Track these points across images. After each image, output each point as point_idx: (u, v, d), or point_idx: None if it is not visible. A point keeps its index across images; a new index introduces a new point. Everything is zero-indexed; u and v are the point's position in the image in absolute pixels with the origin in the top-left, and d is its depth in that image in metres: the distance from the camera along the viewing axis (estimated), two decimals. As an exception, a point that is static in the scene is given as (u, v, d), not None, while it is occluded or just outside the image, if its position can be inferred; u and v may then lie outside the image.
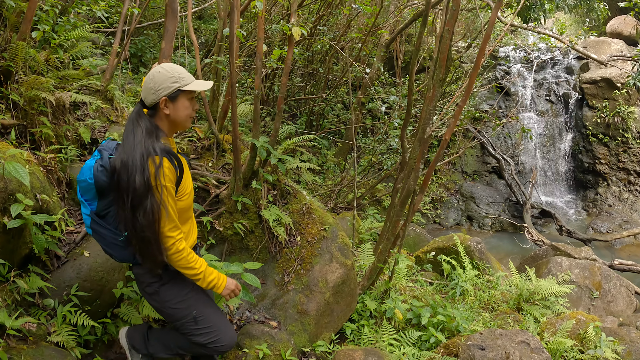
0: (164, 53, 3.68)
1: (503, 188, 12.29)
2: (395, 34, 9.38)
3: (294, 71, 9.65)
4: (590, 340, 4.89)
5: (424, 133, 4.08)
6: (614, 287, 7.05)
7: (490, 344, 4.10)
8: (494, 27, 12.65)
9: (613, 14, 13.21)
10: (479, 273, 6.20)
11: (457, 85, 10.82)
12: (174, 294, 2.73)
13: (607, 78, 11.64)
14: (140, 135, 2.42)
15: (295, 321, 3.92)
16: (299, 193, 4.41)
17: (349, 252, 4.35)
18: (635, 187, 11.68)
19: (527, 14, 8.95)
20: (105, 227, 2.59)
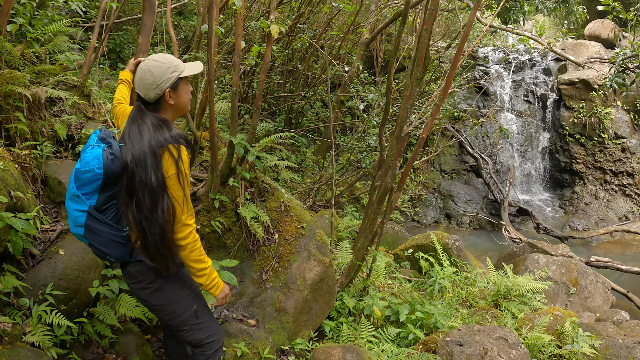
0: (141, 48, 3.64)
1: (481, 186, 12.41)
2: (375, 33, 9.42)
3: (273, 69, 9.63)
4: (568, 335, 4.95)
5: (401, 131, 4.11)
6: (591, 284, 7.16)
7: (469, 340, 4.14)
8: (473, 28, 12.79)
9: (591, 17, 13.43)
10: (456, 270, 6.25)
11: (435, 84, 10.89)
12: (178, 288, 2.66)
13: (585, 80, 11.84)
14: (148, 132, 2.37)
15: (274, 319, 3.92)
16: (276, 191, 4.40)
17: (327, 250, 4.36)
18: (611, 186, 11.89)
19: (506, 15, 9.06)
20: (105, 223, 2.46)
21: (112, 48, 8.88)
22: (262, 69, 3.88)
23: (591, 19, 13.43)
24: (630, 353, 4.94)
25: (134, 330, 3.56)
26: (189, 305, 2.69)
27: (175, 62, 2.51)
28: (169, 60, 2.50)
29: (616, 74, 7.15)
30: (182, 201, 2.41)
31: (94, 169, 2.38)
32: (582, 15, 9.87)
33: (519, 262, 7.40)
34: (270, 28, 3.53)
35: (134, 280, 2.61)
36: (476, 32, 13.35)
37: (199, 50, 5.00)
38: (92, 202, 2.44)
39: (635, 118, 11.95)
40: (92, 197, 2.44)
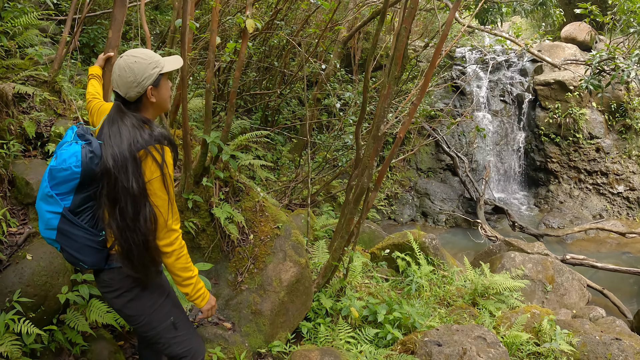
0: (111, 43, 3.51)
1: (457, 185, 12.47)
2: (353, 31, 9.36)
3: (249, 65, 9.52)
4: (546, 333, 4.96)
5: (378, 131, 4.06)
6: (567, 281, 7.22)
7: (447, 339, 4.12)
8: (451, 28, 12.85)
9: (568, 20, 13.62)
10: (434, 269, 6.25)
11: (413, 83, 10.90)
12: (155, 298, 2.48)
13: (560, 81, 12.01)
14: (128, 134, 2.22)
15: (250, 322, 3.84)
16: (251, 190, 4.32)
17: (303, 250, 4.29)
18: (585, 184, 12.07)
19: (484, 16, 9.12)
20: (80, 226, 2.29)
21: (86, 42, 8.67)
22: (237, 66, 3.79)
23: (568, 21, 13.63)
24: (608, 349, 4.97)
25: (106, 337, 3.44)
26: (166, 316, 2.52)
27: (155, 57, 2.37)
28: (148, 55, 2.35)
29: (592, 76, 7.24)
30: (167, 206, 2.28)
31: (71, 167, 2.22)
32: (559, 17, 10.00)
33: (495, 260, 7.44)
34: (246, 23, 3.44)
35: (108, 288, 2.44)
36: (454, 32, 13.40)
37: (173, 46, 4.88)
38: (66, 204, 2.27)
39: (609, 119, 12.14)
40: (67, 198, 2.27)
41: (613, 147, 11.99)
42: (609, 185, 11.88)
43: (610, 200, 11.83)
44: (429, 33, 12.27)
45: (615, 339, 5.12)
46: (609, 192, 11.87)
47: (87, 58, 8.59)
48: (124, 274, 2.38)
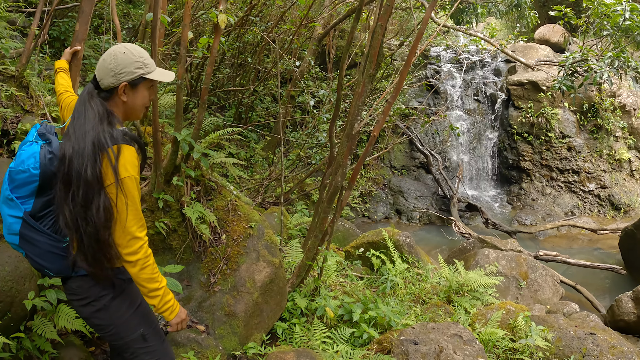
0: (78, 36, 3.39)
1: (431, 182, 12.53)
2: (328, 29, 9.32)
3: (223, 62, 9.40)
4: (521, 329, 4.98)
5: (352, 129, 4.01)
6: (540, 277, 7.30)
7: (423, 338, 4.10)
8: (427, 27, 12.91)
9: (542, 21, 13.82)
10: (408, 266, 6.24)
11: (387, 82, 10.90)
12: (125, 308, 2.37)
13: (533, 81, 12.17)
14: (92, 120, 2.12)
15: (224, 324, 3.76)
16: (223, 189, 4.23)
17: (277, 250, 4.23)
18: (557, 182, 12.26)
19: (459, 16, 9.18)
20: (41, 232, 2.18)
21: (56, 36, 8.40)
22: (209, 62, 3.70)
23: (542, 23, 13.84)
24: (583, 344, 5.02)
25: (76, 344, 3.32)
26: (135, 327, 2.41)
27: (147, 60, 2.27)
28: (140, 54, 2.25)
29: (565, 77, 7.34)
30: (127, 209, 2.14)
31: (29, 169, 2.12)
32: (534, 19, 10.11)
33: (469, 257, 7.48)
34: (218, 18, 3.35)
35: (75, 296, 2.33)
36: (429, 31, 13.47)
37: (144, 41, 4.76)
38: (27, 208, 2.17)
39: (581, 119, 12.36)
40: (27, 202, 2.17)
41: (584, 146, 12.20)
42: (581, 183, 12.08)
43: (582, 198, 12.04)
44: (405, 32, 12.31)
45: (590, 334, 5.17)
46: (580, 190, 12.07)
47: (57, 52, 8.34)
48: (92, 282, 2.29)
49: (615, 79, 11.14)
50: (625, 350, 4.96)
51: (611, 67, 6.98)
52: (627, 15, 6.70)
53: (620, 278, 8.62)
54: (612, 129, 12.23)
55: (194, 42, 7.16)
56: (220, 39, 3.62)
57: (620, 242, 8.95)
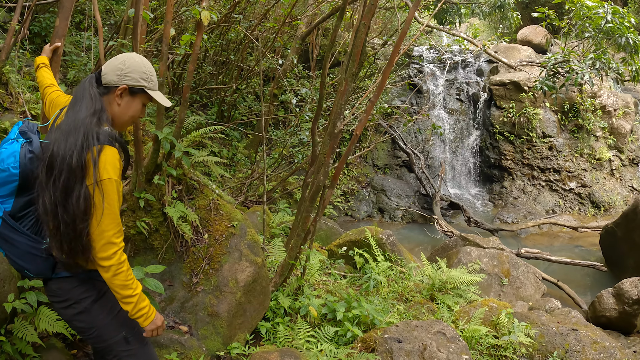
0: (58, 32, 3.32)
1: (413, 181, 12.58)
2: (311, 27, 9.29)
3: (206, 59, 9.33)
4: (504, 325, 5.02)
5: (334, 128, 4.00)
6: (522, 274, 7.36)
7: (407, 336, 4.11)
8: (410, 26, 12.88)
9: (525, 23, 13.99)
10: (391, 265, 6.25)
11: (370, 80, 10.91)
12: (107, 311, 2.34)
13: (515, 81, 12.31)
14: (87, 110, 2.12)
15: (207, 324, 3.72)
16: (205, 188, 4.19)
17: (259, 249, 4.20)
18: (538, 181, 12.40)
19: (443, 17, 9.23)
20: (21, 232, 2.16)
21: (37, 32, 8.24)
22: (191, 59, 3.66)
23: (525, 24, 14.01)
24: (565, 340, 5.06)
25: (58, 346, 3.26)
26: (118, 330, 2.38)
27: (153, 78, 2.31)
28: (150, 70, 2.30)
29: (547, 78, 7.43)
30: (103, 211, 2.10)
31: (9, 168, 2.11)
32: (516, 20, 10.21)
33: (452, 255, 7.51)
34: (201, 15, 3.31)
35: (56, 298, 2.31)
36: (412, 30, 13.52)
37: (126, 37, 4.70)
38: (7, 207, 2.16)
39: (562, 119, 12.53)
40: (7, 202, 2.16)
41: (565, 145, 12.35)
42: (561, 182, 12.23)
43: (563, 196, 12.19)
44: (388, 31, 12.32)
45: (572, 330, 5.23)
46: (561, 188, 12.23)
47: (38, 48, 8.19)
48: (74, 283, 2.27)
49: (596, 80, 11.31)
50: (607, 346, 5.02)
51: (592, 69, 7.07)
52: (609, 17, 6.78)
53: (601, 275, 8.73)
54: (592, 129, 12.40)
55: (176, 39, 7.08)
56: (203, 36, 3.59)
57: (601, 240, 9.06)
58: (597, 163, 12.43)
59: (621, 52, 7.51)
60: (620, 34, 6.89)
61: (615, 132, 12.60)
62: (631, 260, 8.18)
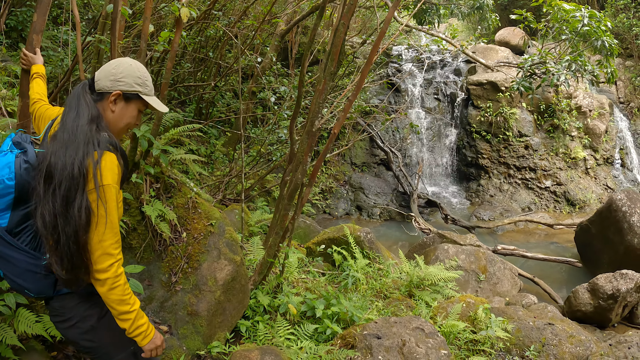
0: (35, 27, 3.26)
1: (391, 179, 12.65)
2: (291, 25, 9.27)
3: (184, 56, 9.25)
4: (481, 321, 5.09)
5: (312, 126, 4.01)
6: (499, 270, 7.46)
7: (386, 332, 4.14)
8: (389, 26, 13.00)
9: (503, 24, 14.18)
10: (369, 262, 6.28)
11: (349, 79, 10.94)
12: (115, 326, 2.19)
13: (493, 81, 12.46)
14: (85, 117, 2.04)
15: (187, 323, 3.71)
16: (183, 186, 4.16)
17: (238, 248, 4.19)
18: (514, 179, 12.58)
19: (422, 17, 9.29)
20: (19, 249, 2.05)
21: (13, 26, 8.05)
22: (170, 56, 3.63)
23: (503, 26, 14.21)
24: (542, 334, 5.16)
25: (37, 349, 3.20)
26: (126, 345, 2.30)
27: (148, 83, 2.23)
28: (144, 75, 2.22)
29: (523, 78, 7.54)
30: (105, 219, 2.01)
31: (3, 180, 2.00)
32: (495, 22, 10.32)
33: (429, 252, 7.57)
34: (180, 12, 3.29)
35: (59, 317, 2.19)
36: (392, 30, 13.59)
37: (104, 33, 4.62)
38: (3, 223, 2.05)
39: (538, 119, 12.75)
40: (3, 216, 2.05)
41: (541, 144, 12.55)
42: (537, 180, 12.42)
43: (538, 194, 12.38)
44: (367, 30, 12.36)
45: (549, 324, 5.32)
46: (537, 186, 12.42)
47: (15, 43, 8.04)
48: (76, 300, 2.18)
49: (572, 82, 11.52)
50: (583, 339, 5.12)
51: (568, 70, 7.19)
52: (586, 21, 6.90)
53: (576, 270, 8.88)
54: (568, 128, 12.63)
55: (155, 36, 7.01)
56: (181, 33, 3.56)
57: (576, 237, 9.22)
58: (572, 162, 12.66)
59: (597, 54, 7.64)
60: (597, 37, 7.01)
61: (590, 132, 12.85)
62: (605, 256, 8.35)
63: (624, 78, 14.07)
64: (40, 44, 3.16)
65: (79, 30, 4.10)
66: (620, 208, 8.00)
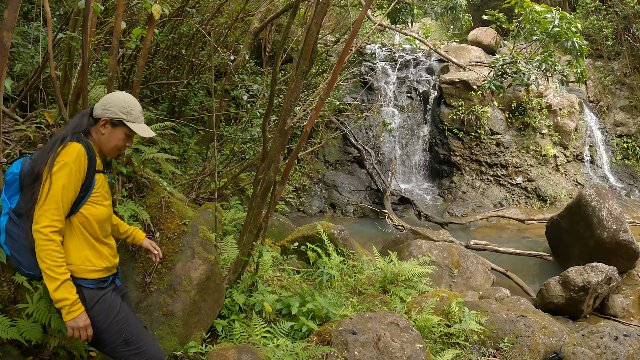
0: (6, 24, 3.18)
1: (364, 177, 12.72)
2: (265, 23, 9.22)
3: (157, 53, 9.13)
4: (455, 314, 5.16)
5: (284, 124, 4.01)
6: (472, 265, 7.56)
7: (361, 327, 4.17)
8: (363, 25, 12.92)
9: (476, 24, 14.36)
10: (344, 259, 6.31)
11: (322, 77, 10.95)
12: (104, 317, 2.57)
13: (465, 80, 12.63)
14: (69, 126, 2.57)
15: (163, 324, 3.68)
16: (156, 185, 4.12)
17: (212, 247, 4.17)
18: (486, 176, 12.78)
19: (396, 16, 9.34)
20: (19, 226, 2.47)
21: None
22: (142, 54, 3.60)
23: (475, 26, 14.39)
24: (515, 326, 5.25)
25: (13, 354, 3.17)
26: (118, 333, 2.60)
27: (134, 111, 2.64)
28: (130, 104, 2.64)
29: (495, 77, 7.63)
30: (47, 190, 2.38)
31: (13, 171, 2.52)
32: (468, 22, 10.42)
33: (403, 248, 7.64)
34: (152, 8, 3.26)
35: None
36: (365, 29, 13.63)
37: (76, 30, 4.54)
38: (12, 205, 2.51)
39: (509, 117, 13.00)
40: (13, 200, 2.52)
41: (512, 142, 12.78)
42: (509, 176, 12.64)
43: (510, 190, 12.60)
44: (341, 28, 12.38)
45: (521, 316, 5.43)
46: (508, 182, 12.63)
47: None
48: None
49: (543, 81, 11.74)
50: (556, 330, 5.24)
51: (539, 70, 7.31)
52: (557, 22, 7.01)
53: (547, 264, 9.06)
54: (538, 126, 12.88)
55: (127, 33, 6.91)
56: (154, 31, 3.53)
57: (547, 231, 9.40)
58: (543, 159, 12.92)
59: (567, 55, 7.78)
60: (567, 38, 7.13)
61: (560, 130, 13.13)
62: (576, 250, 8.52)
63: (593, 78, 14.40)
64: (10, 41, 3.09)
65: (50, 26, 4.03)
66: (589, 203, 8.18)
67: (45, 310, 3.13)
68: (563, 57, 12.10)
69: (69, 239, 2.51)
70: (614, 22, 13.68)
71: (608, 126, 14.10)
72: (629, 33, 13.70)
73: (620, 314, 7.06)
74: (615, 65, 14.26)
